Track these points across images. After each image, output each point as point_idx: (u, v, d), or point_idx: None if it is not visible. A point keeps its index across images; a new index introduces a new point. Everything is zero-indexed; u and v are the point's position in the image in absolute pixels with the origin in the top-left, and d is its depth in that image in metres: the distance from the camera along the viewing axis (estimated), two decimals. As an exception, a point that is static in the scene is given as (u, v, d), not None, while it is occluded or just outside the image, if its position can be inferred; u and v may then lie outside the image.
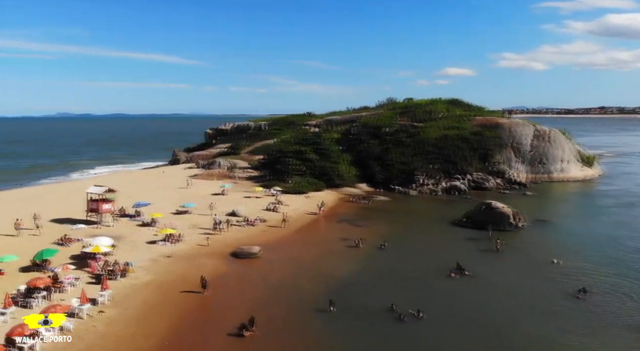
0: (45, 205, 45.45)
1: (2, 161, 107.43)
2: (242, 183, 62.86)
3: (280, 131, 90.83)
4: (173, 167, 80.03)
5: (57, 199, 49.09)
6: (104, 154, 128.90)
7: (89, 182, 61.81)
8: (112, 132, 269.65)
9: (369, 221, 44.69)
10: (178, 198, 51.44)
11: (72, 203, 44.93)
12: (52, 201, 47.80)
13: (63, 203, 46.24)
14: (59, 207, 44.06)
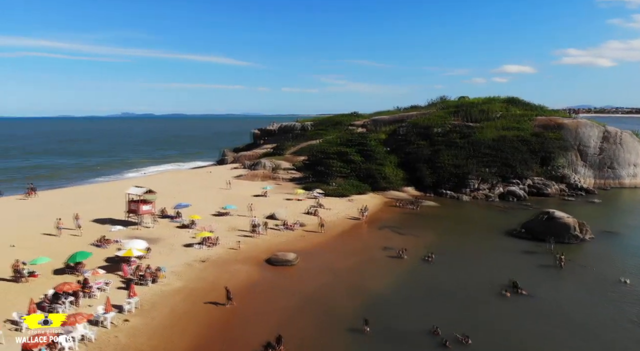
0: (92, 204, 46.91)
1: (67, 159, 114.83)
2: (285, 185, 62.04)
3: (325, 131, 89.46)
4: (220, 167, 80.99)
5: (103, 198, 50.48)
6: (159, 153, 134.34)
7: (136, 181, 63.59)
8: (170, 132, 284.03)
9: (415, 228, 42.12)
10: (220, 199, 51.37)
11: (117, 203, 45.84)
12: (98, 200, 49.18)
13: (108, 203, 47.38)
14: (104, 206, 45.12)
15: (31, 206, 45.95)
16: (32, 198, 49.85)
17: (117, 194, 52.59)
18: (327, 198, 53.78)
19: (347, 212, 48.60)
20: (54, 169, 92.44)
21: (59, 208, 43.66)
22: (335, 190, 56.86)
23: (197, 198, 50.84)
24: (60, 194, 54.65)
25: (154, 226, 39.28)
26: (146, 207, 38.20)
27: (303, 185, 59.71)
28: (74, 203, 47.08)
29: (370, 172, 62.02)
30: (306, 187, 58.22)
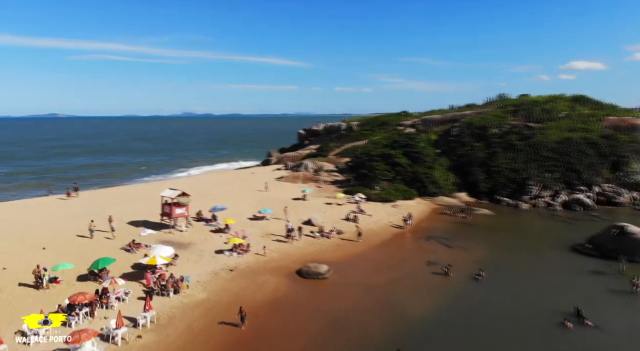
0: (131, 204, 47.31)
1: (125, 157, 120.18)
2: (326, 188, 60.08)
3: (372, 132, 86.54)
4: (263, 168, 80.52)
5: (144, 199, 50.87)
6: (212, 153, 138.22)
7: (178, 182, 64.23)
8: (226, 131, 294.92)
9: (465, 240, 38.68)
10: (258, 202, 50.31)
11: (156, 204, 45.89)
12: (138, 201, 49.58)
13: (148, 204, 47.52)
14: (143, 207, 45.20)
15: (71, 206, 47.02)
16: (73, 199, 51.08)
17: (157, 195, 53.15)
18: (369, 204, 51.25)
19: (389, 219, 45.83)
20: (109, 168, 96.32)
21: (98, 209, 44.30)
22: (378, 195, 54.14)
23: (235, 201, 50.12)
24: (104, 194, 55.93)
25: (188, 230, 38.62)
26: (179, 210, 37.59)
27: (345, 189, 57.48)
28: (114, 204, 47.81)
29: (418, 175, 58.68)
30: (348, 191, 55.97)
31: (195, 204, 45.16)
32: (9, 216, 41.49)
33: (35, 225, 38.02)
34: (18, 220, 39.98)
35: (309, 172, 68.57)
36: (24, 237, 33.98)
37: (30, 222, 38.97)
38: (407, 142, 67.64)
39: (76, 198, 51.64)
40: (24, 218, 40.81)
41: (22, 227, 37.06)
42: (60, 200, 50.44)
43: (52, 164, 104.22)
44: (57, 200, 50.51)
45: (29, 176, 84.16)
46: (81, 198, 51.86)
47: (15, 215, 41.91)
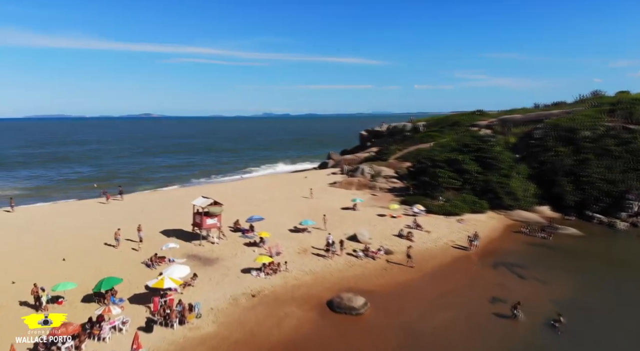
0: (171, 211, 45.99)
1: (200, 156, 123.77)
2: (382, 196, 55.19)
3: (440, 133, 79.72)
4: (318, 172, 77.18)
5: (185, 206, 49.42)
6: (278, 153, 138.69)
7: (224, 187, 62.76)
8: (299, 131, 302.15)
9: (543, 269, 32.25)
10: (304, 210, 46.90)
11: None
12: (179, 207, 48.12)
13: (187, 212, 45.86)
14: (182, 214, 43.42)
15: (109, 211, 46.52)
16: (116, 202, 50.83)
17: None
18: (429, 217, 45.80)
19: (451, 237, 40.14)
20: (176, 169, 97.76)
21: (137, 214, 43.40)
22: (441, 207, 48.32)
23: (279, 209, 47.15)
24: (150, 198, 55.61)
25: (220, 242, 35.97)
26: (211, 220, 35.05)
27: (402, 198, 52.30)
28: (156, 209, 46.86)
29: (490, 185, 51.84)
30: (405, 201, 50.76)
31: (236, 212, 42.90)
32: (42, 220, 41.70)
33: (64, 231, 37.51)
34: (50, 224, 39.93)
35: (364, 177, 64.00)
36: (48, 245, 33.24)
37: (60, 228, 38.61)
38: (479, 146, 60.49)
39: (120, 201, 51.49)
40: (56, 222, 40.69)
41: (49, 234, 36.65)
42: (100, 204, 50.41)
43: (127, 164, 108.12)
44: (97, 204, 50.55)
45: (97, 176, 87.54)
46: (124, 202, 51.65)
47: (49, 219, 42.05)
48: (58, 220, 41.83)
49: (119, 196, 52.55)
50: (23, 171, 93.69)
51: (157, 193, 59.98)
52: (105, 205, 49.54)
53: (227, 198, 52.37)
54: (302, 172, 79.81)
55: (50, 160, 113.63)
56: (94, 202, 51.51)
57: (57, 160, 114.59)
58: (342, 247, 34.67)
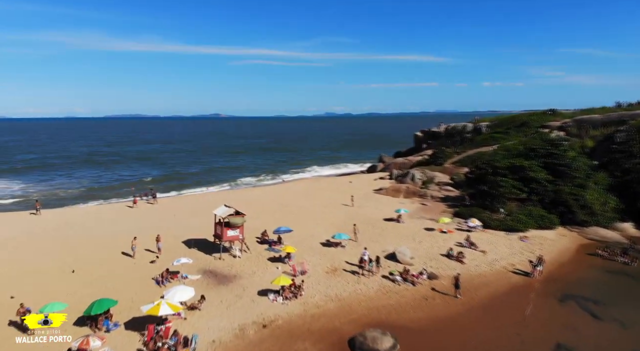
0: (203, 217, 43.86)
1: (258, 157, 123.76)
2: (433, 206, 50.20)
3: (505, 135, 72.68)
4: (366, 176, 73.07)
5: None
6: (332, 154, 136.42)
7: (264, 191, 60.38)
8: (358, 131, 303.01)
9: (625, 306, 26.45)
10: (342, 220, 43.39)
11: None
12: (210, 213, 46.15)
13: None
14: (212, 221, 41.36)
15: (137, 216, 45.48)
16: (144, 206, 49.90)
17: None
18: (486, 232, 40.50)
19: (511, 259, 34.74)
20: (223, 172, 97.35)
21: (165, 220, 41.97)
22: (501, 222, 42.70)
23: (314, 218, 43.98)
24: (186, 202, 54.33)
25: (242, 256, 33.24)
26: (232, 232, 32.40)
27: (456, 209, 47.11)
28: (190, 214, 45.44)
29: (562, 196, 45.29)
30: (459, 213, 45.61)
31: (268, 220, 40.50)
32: (66, 225, 41.13)
33: (84, 238, 36.49)
34: (72, 229, 39.16)
35: (415, 183, 59.13)
36: (63, 254, 32.14)
37: (82, 234, 37.68)
38: (549, 150, 53.53)
39: (153, 205, 50.58)
40: (79, 228, 39.92)
41: (67, 240, 35.75)
42: (128, 209, 49.67)
43: (185, 164, 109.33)
44: (128, 208, 49.84)
45: (153, 175, 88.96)
46: (157, 206, 50.68)
47: (74, 224, 41.39)
48: (83, 225, 41.15)
49: (152, 199, 51.68)
50: (81, 171, 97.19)
51: (196, 196, 58.78)
52: (135, 210, 48.73)
53: (262, 204, 50.09)
54: (348, 176, 75.99)
55: (110, 162, 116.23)
56: (124, 206, 50.97)
57: (116, 162, 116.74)
58: (379, 265, 30.87)
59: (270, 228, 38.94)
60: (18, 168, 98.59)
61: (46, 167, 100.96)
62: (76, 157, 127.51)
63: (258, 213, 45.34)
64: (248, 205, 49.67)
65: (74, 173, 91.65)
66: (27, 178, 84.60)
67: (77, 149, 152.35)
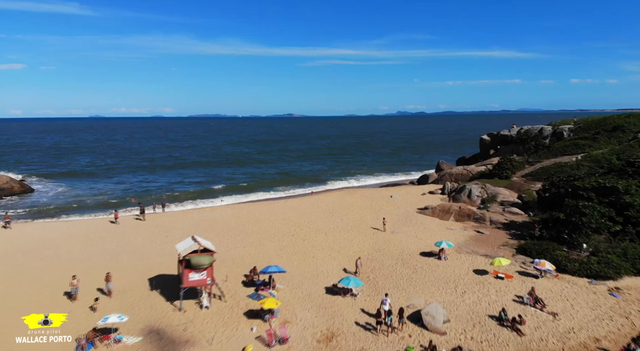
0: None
1: (309, 162, 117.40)
2: (491, 235, 40.10)
3: (593, 142, 60.02)
4: (412, 188, 63.27)
5: (216, 231, 40.63)
6: (388, 159, 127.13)
7: (284, 206, 53.07)
8: (429, 131, 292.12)
9: None
10: (364, 252, 34.98)
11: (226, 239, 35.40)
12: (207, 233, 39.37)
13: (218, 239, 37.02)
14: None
15: (115, 236, 39.53)
16: (128, 223, 44.31)
17: (241, 225, 42.66)
18: (561, 279, 30.39)
19: (595, 328, 24.57)
20: (268, 177, 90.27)
21: (149, 243, 35.83)
22: (582, 264, 32.01)
23: (330, 248, 35.97)
24: (190, 218, 48.13)
25: (211, 306, 25.87)
26: (195, 275, 25.12)
27: (521, 242, 36.84)
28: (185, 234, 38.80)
29: (673, 230, 33.68)
30: (525, 248, 35.39)
31: (269, 249, 33.19)
32: (21, 245, 36.14)
33: (21, 268, 30.99)
34: (18, 252, 33.87)
35: (472, 201, 49.06)
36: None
37: (22, 262, 32.31)
38: (654, 165, 41.54)
39: (141, 221, 44.89)
40: (30, 251, 34.65)
41: (14, 268, 30.14)
42: (111, 224, 44.03)
43: (230, 170, 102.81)
44: (109, 224, 44.22)
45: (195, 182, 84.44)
46: (145, 223, 44.78)
47: (26, 246, 36.21)
48: (40, 246, 36.05)
49: (140, 214, 46.12)
50: (125, 176, 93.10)
51: (204, 211, 52.41)
52: (115, 228, 43.13)
53: (271, 224, 42.84)
54: (393, 188, 66.48)
55: (167, 166, 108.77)
56: (108, 222, 45.63)
57: (170, 167, 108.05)
58: (402, 321, 22.50)
59: (270, 259, 31.68)
60: (76, 172, 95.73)
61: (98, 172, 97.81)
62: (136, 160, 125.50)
63: (261, 239, 38.06)
64: (254, 225, 42.68)
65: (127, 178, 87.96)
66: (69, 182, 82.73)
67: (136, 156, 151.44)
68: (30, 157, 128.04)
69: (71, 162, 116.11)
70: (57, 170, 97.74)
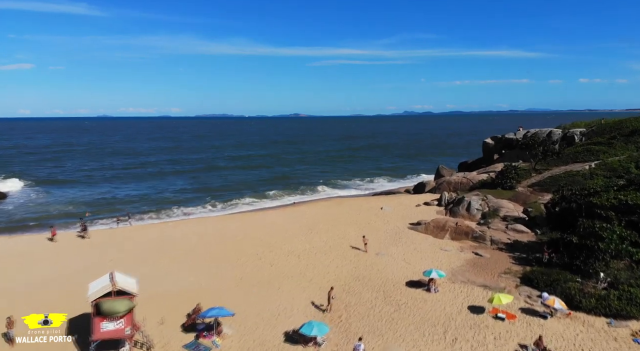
0: (152, 266, 31.95)
1: (306, 167, 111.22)
2: (492, 259, 34.64)
3: (609, 147, 54.32)
4: (407, 198, 57.79)
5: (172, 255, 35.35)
6: (389, 163, 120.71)
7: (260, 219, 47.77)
8: (436, 133, 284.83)
9: None
10: (339, 282, 29.69)
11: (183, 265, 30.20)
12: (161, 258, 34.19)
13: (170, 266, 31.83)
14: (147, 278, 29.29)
15: (44, 259, 34.35)
16: (64, 240, 39.10)
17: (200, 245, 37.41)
18: (574, 319, 25.13)
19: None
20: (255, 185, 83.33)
21: (86, 269, 30.42)
22: (599, 300, 26.49)
23: (299, 277, 30.63)
24: (145, 235, 42.82)
25: (135, 360, 20.64)
26: (109, 324, 19.95)
27: (527, 269, 31.40)
28: (139, 254, 33.73)
29: None
30: (530, 278, 29.96)
31: (225, 279, 27.94)
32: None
33: None
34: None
35: (471, 216, 43.71)
36: None
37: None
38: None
39: (85, 240, 39.68)
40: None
41: None
42: (48, 242, 38.80)
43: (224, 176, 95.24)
44: (46, 242, 38.93)
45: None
46: (90, 241, 39.51)
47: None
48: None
49: (83, 231, 40.99)
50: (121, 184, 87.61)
51: (170, 226, 47.04)
52: (50, 247, 37.93)
53: (238, 245, 37.47)
54: (386, 197, 60.87)
55: (152, 174, 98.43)
56: (45, 239, 40.13)
57: (156, 174, 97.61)
58: None
59: (225, 292, 26.67)
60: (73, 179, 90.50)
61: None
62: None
63: (220, 264, 32.84)
64: (218, 245, 37.47)
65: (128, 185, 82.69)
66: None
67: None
68: (19, 160, 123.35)
69: (57, 165, 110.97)
70: (41, 175, 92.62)
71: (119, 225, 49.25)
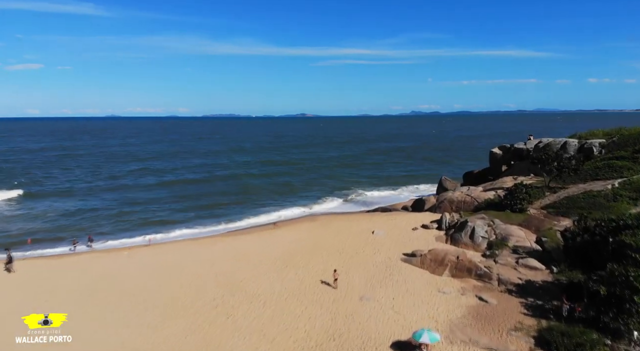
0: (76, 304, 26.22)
1: (299, 176, 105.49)
2: (499, 307, 28.58)
3: (634, 163, 48.04)
4: (404, 218, 51.51)
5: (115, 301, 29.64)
6: (394, 169, 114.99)
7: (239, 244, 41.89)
8: (444, 134, 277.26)
9: None
10: (313, 342, 23.79)
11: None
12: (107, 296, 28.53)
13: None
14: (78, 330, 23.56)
15: None
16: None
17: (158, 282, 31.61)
18: None
19: None
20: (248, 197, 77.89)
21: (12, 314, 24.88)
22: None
23: (255, 337, 24.74)
24: (90, 266, 37.09)
25: None
26: None
27: (544, 323, 25.40)
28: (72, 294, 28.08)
29: None
30: (547, 338, 23.92)
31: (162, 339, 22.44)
32: None
33: None
34: None
35: (475, 244, 37.64)
36: None
37: None
38: None
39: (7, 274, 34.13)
40: None
41: None
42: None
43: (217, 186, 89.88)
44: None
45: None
46: (16, 275, 33.84)
47: None
48: None
49: (9, 264, 35.43)
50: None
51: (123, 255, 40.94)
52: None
53: (194, 283, 31.82)
54: (380, 215, 54.55)
55: (137, 186, 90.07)
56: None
57: (142, 187, 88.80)
58: None
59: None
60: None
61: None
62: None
63: (166, 313, 27.13)
64: (172, 283, 31.78)
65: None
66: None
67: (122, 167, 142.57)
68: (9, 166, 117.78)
69: (41, 174, 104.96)
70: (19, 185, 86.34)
71: (76, 249, 43.87)
